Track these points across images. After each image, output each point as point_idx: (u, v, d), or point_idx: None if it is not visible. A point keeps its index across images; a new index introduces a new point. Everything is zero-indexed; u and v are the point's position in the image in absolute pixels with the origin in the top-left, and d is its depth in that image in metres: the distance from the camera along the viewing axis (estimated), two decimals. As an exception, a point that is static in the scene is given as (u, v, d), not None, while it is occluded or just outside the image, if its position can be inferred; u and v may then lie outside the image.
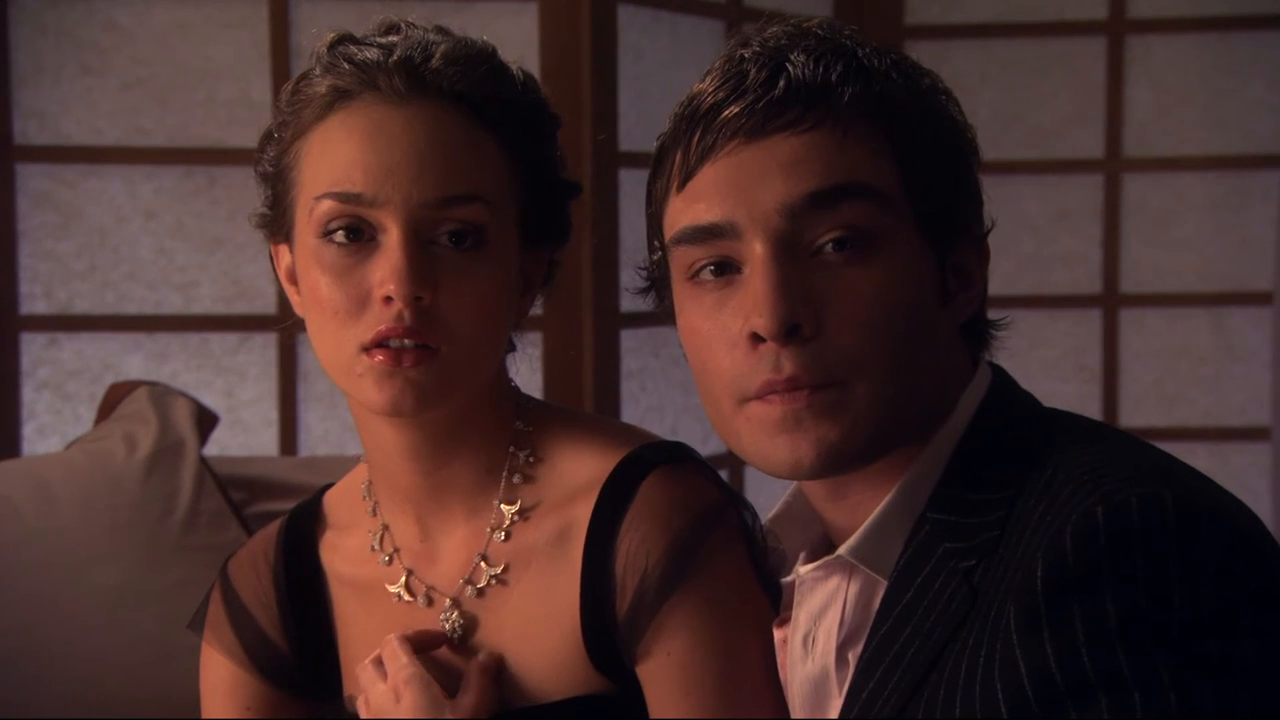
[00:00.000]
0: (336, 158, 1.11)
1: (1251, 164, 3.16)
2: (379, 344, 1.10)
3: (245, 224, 2.76)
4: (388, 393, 1.11)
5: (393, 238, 1.10)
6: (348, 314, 1.11)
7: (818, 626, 1.07)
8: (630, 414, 2.72)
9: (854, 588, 1.05)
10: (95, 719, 1.85)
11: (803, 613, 1.08)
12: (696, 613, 1.13)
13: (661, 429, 2.69)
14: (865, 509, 1.04)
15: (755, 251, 1.00)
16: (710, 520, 1.15)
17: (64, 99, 2.57)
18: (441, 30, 1.17)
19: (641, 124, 2.72)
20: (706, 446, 2.08)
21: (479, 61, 1.15)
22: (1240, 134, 3.17)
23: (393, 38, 1.15)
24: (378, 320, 1.10)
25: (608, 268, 2.64)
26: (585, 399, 2.59)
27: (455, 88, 1.12)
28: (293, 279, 1.18)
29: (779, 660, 1.13)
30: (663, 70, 2.79)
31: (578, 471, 1.18)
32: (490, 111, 1.14)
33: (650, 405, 2.84)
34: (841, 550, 1.04)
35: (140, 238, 2.61)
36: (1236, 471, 3.09)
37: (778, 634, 1.13)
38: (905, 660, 0.98)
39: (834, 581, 1.06)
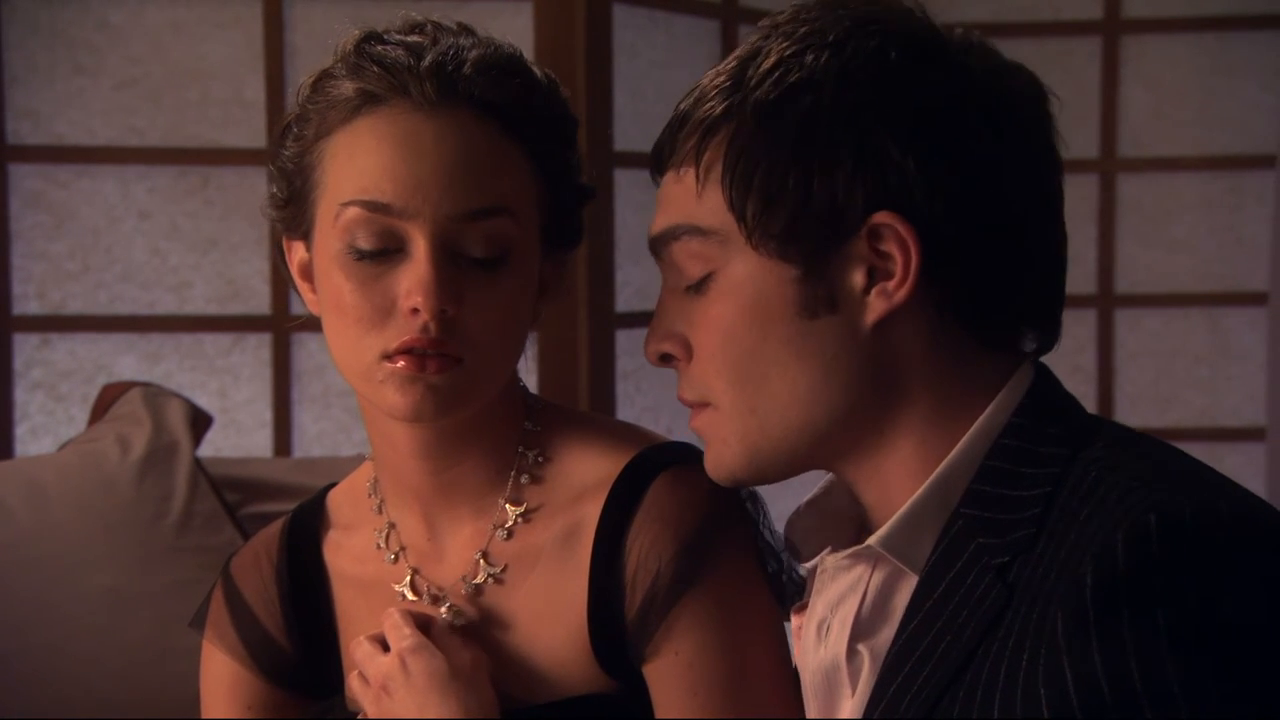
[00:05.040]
0: (365, 165, 1.10)
1: (1246, 164, 3.17)
2: (402, 351, 1.10)
3: (239, 224, 2.77)
4: (410, 399, 1.10)
5: (420, 249, 1.09)
6: (370, 322, 1.11)
7: (834, 615, 1.07)
8: (625, 414, 2.72)
9: (877, 578, 1.04)
10: (88, 721, 1.85)
11: (820, 600, 1.08)
12: (705, 613, 1.13)
13: (656, 430, 2.68)
14: (899, 489, 1.04)
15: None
16: (720, 522, 1.15)
17: (57, 99, 2.57)
18: (466, 30, 1.16)
19: (637, 124, 2.72)
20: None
21: (510, 70, 1.14)
22: (1235, 134, 3.17)
23: (418, 38, 1.14)
24: (402, 331, 1.10)
25: (603, 268, 2.63)
26: (580, 399, 2.58)
27: (486, 97, 1.12)
28: (306, 275, 1.18)
29: (794, 647, 1.13)
30: (658, 70, 2.79)
31: (586, 472, 1.18)
32: (519, 121, 1.13)
33: (645, 406, 2.83)
34: (871, 541, 1.03)
35: (133, 238, 2.60)
36: (1231, 472, 3.07)
37: (795, 621, 1.12)
38: (936, 656, 0.97)
39: (857, 571, 1.06)
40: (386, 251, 1.10)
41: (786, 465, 1.07)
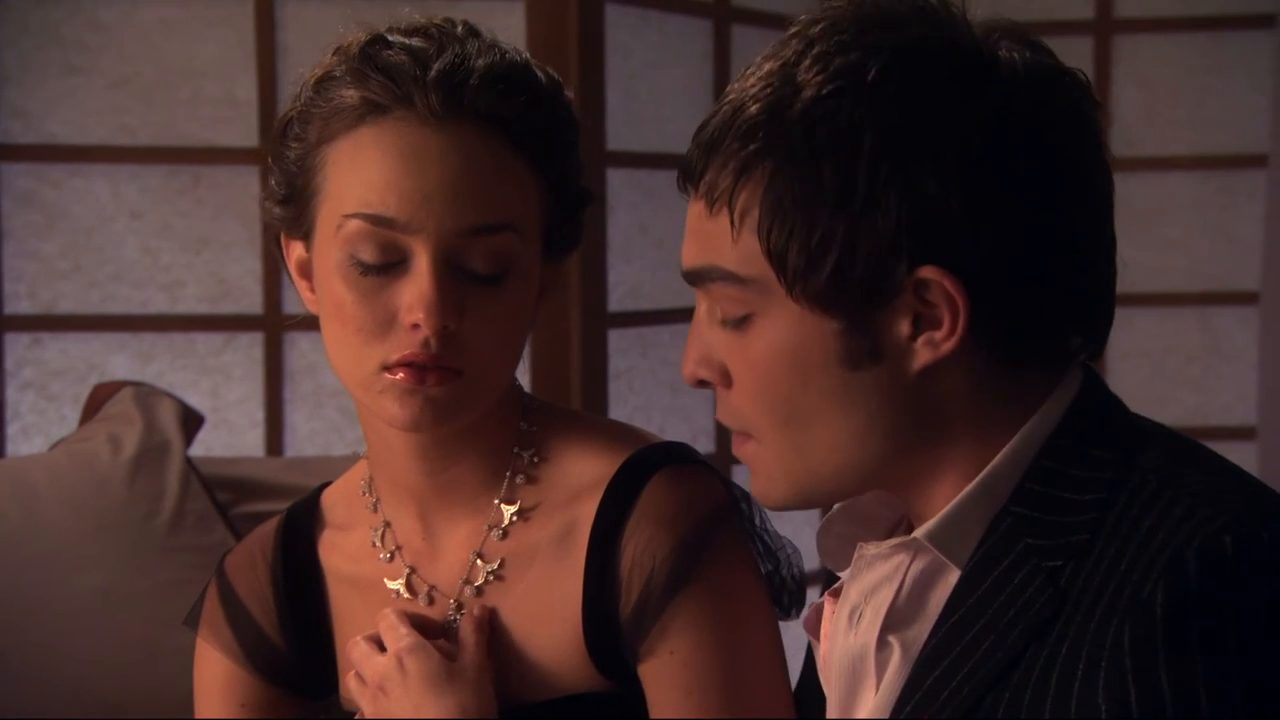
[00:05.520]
0: (369, 177, 1.10)
1: (1238, 164, 3.17)
2: (402, 364, 1.10)
3: (231, 223, 2.77)
4: (409, 410, 1.11)
5: (423, 265, 1.09)
6: (371, 333, 1.10)
7: (867, 603, 1.06)
8: (617, 414, 2.72)
9: (916, 569, 1.03)
10: (80, 721, 1.84)
11: (855, 586, 1.07)
12: (701, 613, 1.13)
13: (648, 429, 2.68)
14: (946, 497, 1.03)
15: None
16: (716, 522, 1.15)
17: (49, 98, 2.56)
18: (472, 31, 1.15)
19: (629, 123, 2.72)
20: (695, 447, 2.08)
21: (516, 81, 1.13)
22: (1227, 133, 3.18)
23: (423, 43, 1.12)
24: (403, 345, 1.10)
25: (596, 267, 2.63)
26: (572, 399, 2.58)
27: (492, 110, 1.11)
28: (304, 273, 1.18)
29: (822, 631, 1.12)
30: (650, 69, 2.79)
31: (582, 472, 1.18)
32: (525, 133, 1.12)
33: (638, 405, 2.83)
34: (918, 533, 1.02)
35: (125, 237, 2.60)
36: (1223, 471, 3.09)
37: (828, 606, 1.12)
38: (979, 654, 0.96)
39: (896, 560, 1.05)
40: (389, 264, 1.10)
41: (834, 496, 1.07)
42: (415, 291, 1.09)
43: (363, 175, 1.10)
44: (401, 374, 1.10)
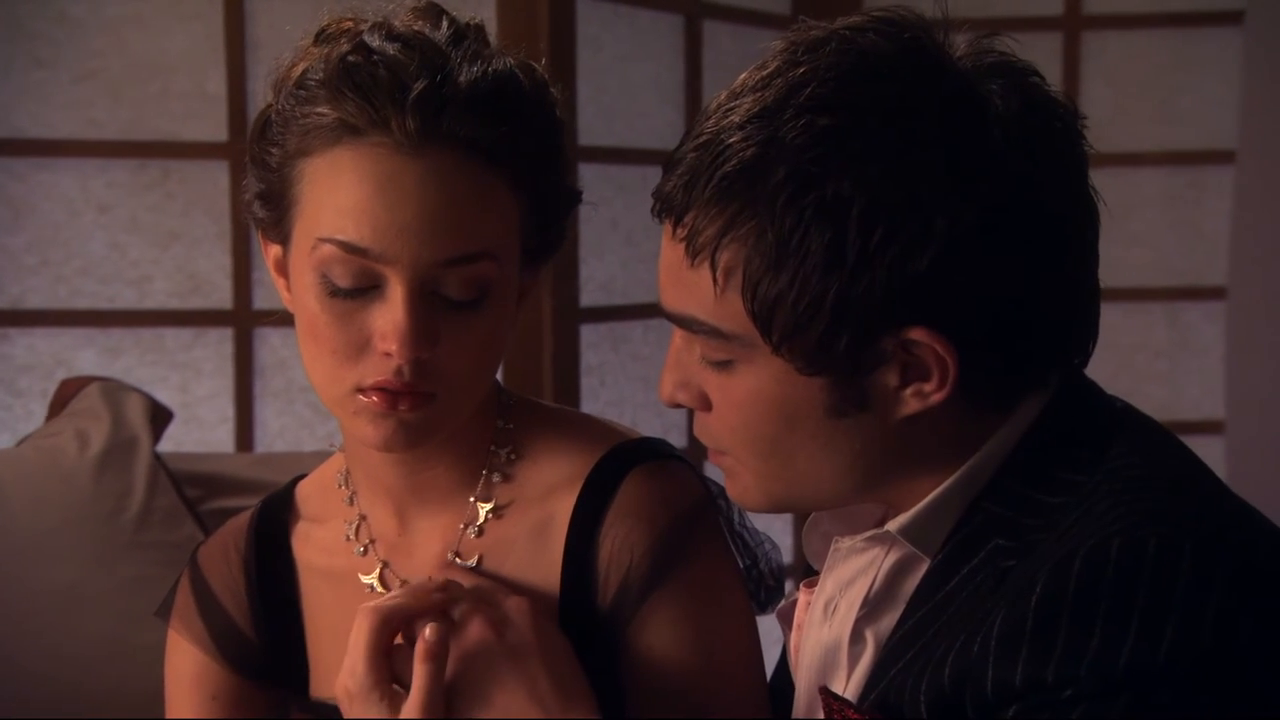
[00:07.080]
0: (343, 203, 1.08)
1: (1206, 159, 3.19)
2: (376, 389, 1.09)
3: (200, 218, 2.74)
4: (382, 432, 1.10)
5: (397, 294, 1.07)
6: (345, 355, 1.10)
7: (842, 595, 1.07)
8: (589, 409, 2.72)
9: (890, 560, 1.05)
10: (47, 718, 1.83)
11: (830, 578, 1.08)
12: (679, 608, 1.13)
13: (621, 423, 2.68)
14: (922, 493, 1.04)
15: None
16: (694, 517, 1.15)
17: (15, 92, 2.54)
18: (458, 34, 1.12)
19: (600, 118, 2.71)
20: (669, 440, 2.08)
21: (500, 101, 1.10)
22: (1195, 129, 3.19)
23: (403, 55, 1.08)
24: (376, 370, 1.09)
25: (568, 262, 2.63)
26: (544, 394, 2.58)
27: (472, 135, 1.08)
28: (282, 271, 1.16)
29: (796, 621, 1.13)
30: (621, 64, 2.78)
31: (558, 468, 1.18)
32: (505, 155, 1.10)
33: (610, 400, 2.83)
34: (890, 525, 1.03)
35: (93, 232, 2.58)
36: (1191, 465, 3.11)
37: (803, 596, 1.13)
38: (939, 648, 0.97)
39: (871, 554, 1.06)
40: (362, 289, 1.09)
41: (811, 510, 1.10)
42: (389, 320, 1.07)
43: (338, 200, 1.08)
44: (375, 398, 1.09)
